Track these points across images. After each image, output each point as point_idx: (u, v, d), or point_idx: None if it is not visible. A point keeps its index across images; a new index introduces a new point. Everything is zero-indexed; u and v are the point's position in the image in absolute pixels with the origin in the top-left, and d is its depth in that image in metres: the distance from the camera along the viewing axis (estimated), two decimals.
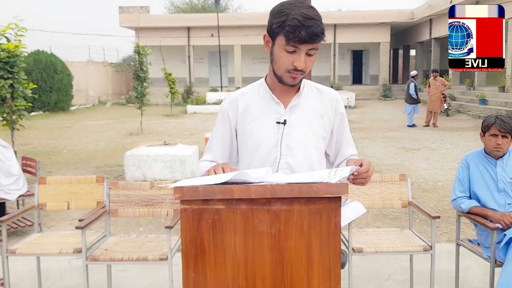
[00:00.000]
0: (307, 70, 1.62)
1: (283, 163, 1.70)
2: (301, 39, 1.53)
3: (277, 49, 1.61)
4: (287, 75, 1.63)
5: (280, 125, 1.70)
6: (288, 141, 1.70)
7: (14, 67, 6.47)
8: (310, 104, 1.75)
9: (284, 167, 1.70)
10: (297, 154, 1.70)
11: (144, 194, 3.34)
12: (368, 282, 3.48)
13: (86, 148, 10.69)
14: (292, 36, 1.54)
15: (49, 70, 20.22)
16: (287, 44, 1.57)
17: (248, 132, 1.72)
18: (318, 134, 1.73)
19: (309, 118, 1.73)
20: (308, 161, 1.72)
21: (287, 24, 1.54)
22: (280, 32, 1.57)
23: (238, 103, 1.76)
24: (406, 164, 8.23)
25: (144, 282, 3.54)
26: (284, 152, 1.70)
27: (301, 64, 1.58)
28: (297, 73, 1.61)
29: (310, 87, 1.78)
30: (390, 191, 3.39)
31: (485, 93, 17.22)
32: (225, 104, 1.81)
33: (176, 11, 40.30)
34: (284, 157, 1.70)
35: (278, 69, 1.64)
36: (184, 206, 1.34)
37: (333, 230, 1.37)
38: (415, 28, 27.63)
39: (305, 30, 1.52)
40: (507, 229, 2.81)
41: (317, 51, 1.62)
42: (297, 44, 1.55)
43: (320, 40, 1.57)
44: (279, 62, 1.62)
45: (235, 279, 1.37)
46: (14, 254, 3.09)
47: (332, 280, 1.38)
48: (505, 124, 2.94)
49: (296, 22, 1.52)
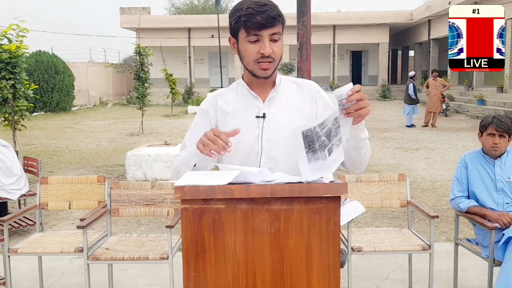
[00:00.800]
0: (276, 57, 1.63)
1: (265, 156, 1.70)
2: (259, 24, 1.56)
3: (242, 44, 1.64)
4: (256, 67, 1.64)
5: (260, 119, 1.70)
6: (269, 134, 1.70)
7: (16, 68, 6.49)
8: (288, 96, 1.75)
9: (266, 161, 1.69)
10: (279, 147, 1.70)
11: (145, 193, 3.36)
12: (367, 281, 3.50)
13: (87, 148, 10.70)
14: (249, 24, 1.57)
15: (50, 71, 20.22)
16: (248, 34, 1.60)
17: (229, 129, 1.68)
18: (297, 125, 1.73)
19: (288, 110, 1.73)
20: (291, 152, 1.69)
21: (243, 15, 1.58)
22: (239, 27, 1.61)
23: (218, 102, 1.77)
24: (405, 164, 8.24)
25: (145, 281, 3.56)
26: (266, 145, 1.70)
27: (266, 50, 1.59)
28: (266, 61, 1.62)
29: (287, 80, 1.79)
30: (389, 190, 3.41)
31: (483, 93, 17.22)
32: (204, 104, 1.82)
33: (177, 12, 40.30)
34: (266, 150, 1.70)
35: (248, 63, 1.65)
36: (184, 205, 1.36)
37: (333, 229, 1.38)
38: (414, 29, 27.62)
39: (260, 15, 1.56)
40: (505, 228, 2.83)
41: (281, 36, 1.64)
42: (256, 31, 1.58)
43: (279, 23, 1.59)
44: (246, 55, 1.64)
45: (235, 278, 1.38)
46: (16, 254, 3.11)
47: (331, 279, 1.40)
48: (502, 123, 2.96)
49: (250, 10, 1.57)
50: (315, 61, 23.88)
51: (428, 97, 13.74)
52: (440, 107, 13.90)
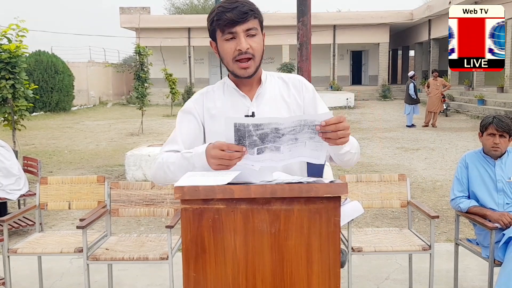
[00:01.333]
0: (255, 53, 1.61)
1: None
2: (230, 21, 1.56)
3: (220, 45, 1.64)
4: (236, 66, 1.62)
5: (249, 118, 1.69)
6: None
7: (16, 68, 6.49)
8: (276, 92, 1.73)
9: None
10: None
11: (144, 193, 3.36)
12: (368, 281, 3.49)
13: (87, 148, 10.70)
14: (222, 22, 1.58)
15: (50, 71, 20.22)
16: (223, 33, 1.60)
17: (216, 128, 1.68)
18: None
19: (277, 106, 1.71)
20: None
21: (215, 14, 1.59)
22: (215, 28, 1.62)
23: (204, 101, 1.74)
24: (405, 164, 8.24)
25: (144, 282, 3.55)
26: None
27: (243, 45, 1.58)
28: (244, 58, 1.60)
29: (272, 77, 1.77)
30: (389, 190, 3.40)
31: (483, 93, 17.23)
32: (190, 103, 1.76)
33: (177, 12, 40.31)
34: None
35: (228, 63, 1.64)
36: (184, 205, 1.36)
37: (333, 229, 1.38)
38: (414, 29, 27.63)
39: (230, 12, 1.56)
40: (505, 228, 2.83)
41: (259, 32, 1.62)
42: (230, 28, 1.58)
43: (251, 17, 1.58)
44: (224, 54, 1.63)
45: (235, 278, 1.38)
46: (16, 254, 3.11)
47: (331, 279, 1.39)
48: (503, 123, 2.96)
49: (221, 9, 1.58)
50: (315, 61, 23.88)
51: (429, 97, 13.74)
52: (441, 107, 13.90)
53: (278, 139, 1.42)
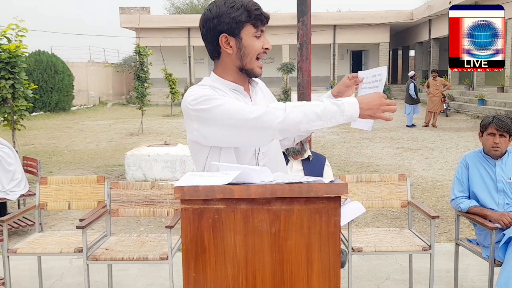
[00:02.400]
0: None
1: (261, 154, 1.71)
2: (267, 19, 1.64)
3: (247, 40, 1.63)
4: (256, 64, 1.66)
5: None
6: None
7: (15, 68, 6.48)
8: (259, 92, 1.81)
9: (262, 158, 1.71)
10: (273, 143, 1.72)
11: (144, 194, 3.36)
12: (368, 282, 3.49)
13: (87, 148, 10.70)
14: (261, 18, 1.62)
15: (50, 71, 20.22)
16: (257, 30, 1.63)
17: None
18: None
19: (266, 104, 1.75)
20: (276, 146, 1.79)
21: (253, 10, 1.60)
22: (245, 22, 1.61)
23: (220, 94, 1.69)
24: (405, 164, 8.24)
25: (144, 282, 3.55)
26: None
27: (269, 44, 1.66)
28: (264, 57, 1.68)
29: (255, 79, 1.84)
30: (390, 191, 3.40)
31: (484, 93, 17.22)
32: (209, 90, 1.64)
33: (177, 11, 40.32)
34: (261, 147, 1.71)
35: (251, 60, 1.65)
36: (184, 205, 1.35)
37: (333, 229, 1.38)
38: (414, 29, 27.63)
39: (263, 11, 1.63)
40: (506, 228, 2.83)
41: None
42: (262, 26, 1.64)
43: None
44: (252, 51, 1.63)
45: (235, 278, 1.38)
46: (15, 254, 3.11)
47: (331, 279, 1.39)
48: (503, 123, 2.96)
49: (257, 6, 1.62)
50: (315, 61, 23.89)
51: (429, 97, 13.74)
52: (441, 107, 13.90)
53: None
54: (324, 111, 1.51)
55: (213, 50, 1.70)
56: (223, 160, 1.67)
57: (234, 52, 1.65)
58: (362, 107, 1.55)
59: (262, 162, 1.71)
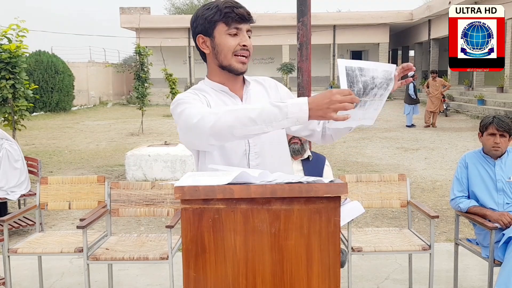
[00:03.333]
0: (251, 52, 1.69)
1: (253, 154, 1.70)
2: (241, 17, 1.63)
3: (219, 38, 1.65)
4: (234, 60, 1.66)
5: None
6: None
7: (16, 68, 6.49)
8: (258, 93, 1.78)
9: (254, 158, 1.70)
10: (264, 142, 1.70)
11: (145, 193, 3.36)
12: (367, 281, 3.49)
13: (87, 148, 10.70)
14: (232, 16, 1.62)
15: (50, 71, 20.21)
16: (229, 27, 1.64)
17: None
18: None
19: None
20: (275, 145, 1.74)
21: (223, 9, 1.62)
22: (217, 21, 1.64)
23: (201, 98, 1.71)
24: (405, 164, 8.24)
25: (145, 281, 3.55)
26: (252, 143, 1.70)
27: (248, 42, 1.65)
28: (244, 54, 1.66)
29: (249, 79, 1.81)
30: (389, 190, 3.41)
31: (483, 93, 17.22)
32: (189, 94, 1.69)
33: (177, 12, 40.30)
34: (253, 147, 1.70)
35: (225, 57, 1.66)
36: (184, 205, 1.36)
37: (333, 229, 1.38)
38: (414, 29, 27.62)
39: (241, 9, 1.63)
40: (505, 228, 2.83)
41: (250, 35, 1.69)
42: (237, 24, 1.63)
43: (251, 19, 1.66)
44: (225, 48, 1.65)
45: (235, 278, 1.38)
46: (16, 254, 3.11)
47: (331, 279, 1.40)
48: (503, 123, 2.96)
49: (230, 4, 1.63)
50: (315, 61, 23.88)
51: (428, 97, 13.72)
52: (441, 107, 13.88)
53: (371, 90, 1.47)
54: (260, 115, 1.40)
55: (200, 53, 1.76)
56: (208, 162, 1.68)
57: (211, 51, 1.69)
58: (312, 107, 1.38)
59: (254, 163, 1.70)
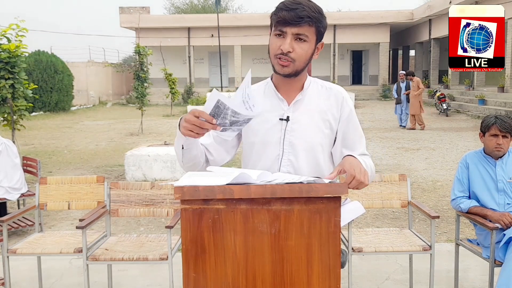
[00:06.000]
0: (297, 58, 1.61)
1: (286, 160, 1.69)
2: (283, 20, 1.58)
3: (270, 38, 1.66)
4: (276, 62, 1.64)
5: (283, 122, 1.69)
6: (291, 138, 1.68)
7: (15, 68, 6.47)
8: (315, 100, 1.72)
9: (287, 164, 1.68)
10: (300, 152, 1.68)
11: (144, 194, 3.35)
12: (368, 282, 3.49)
13: (86, 148, 10.69)
14: (275, 17, 1.61)
15: (49, 71, 20.22)
16: (275, 28, 1.62)
17: (251, 128, 1.70)
18: (322, 132, 1.70)
19: (313, 115, 1.70)
20: (312, 159, 1.69)
21: (275, 9, 1.62)
22: (272, 21, 1.64)
23: None
24: (406, 164, 8.24)
25: (144, 282, 3.55)
26: (287, 149, 1.68)
27: (285, 47, 1.59)
28: (284, 58, 1.61)
29: (316, 84, 1.77)
30: (390, 191, 3.40)
31: (484, 93, 17.23)
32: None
33: (176, 11, 40.31)
34: (287, 154, 1.68)
35: (271, 56, 1.66)
36: (184, 206, 1.35)
37: (333, 229, 1.38)
38: (414, 29, 27.63)
39: (287, 12, 1.58)
40: (506, 229, 2.82)
41: (309, 39, 1.62)
42: (281, 26, 1.60)
43: (306, 24, 1.58)
44: (270, 48, 1.66)
45: (235, 278, 1.38)
46: (15, 254, 3.10)
47: (331, 279, 1.39)
48: (506, 123, 2.95)
49: (281, 5, 1.60)
50: (315, 60, 23.76)
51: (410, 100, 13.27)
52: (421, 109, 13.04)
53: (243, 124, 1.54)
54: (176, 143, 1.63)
55: None
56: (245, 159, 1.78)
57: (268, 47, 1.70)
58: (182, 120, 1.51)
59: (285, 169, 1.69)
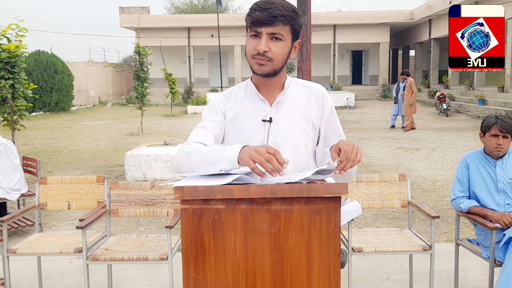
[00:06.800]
0: (274, 57, 1.61)
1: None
2: (257, 21, 1.57)
3: (246, 39, 1.66)
4: (253, 62, 1.63)
5: (266, 123, 1.69)
6: (275, 139, 1.68)
7: (15, 68, 6.47)
8: (296, 100, 1.73)
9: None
10: (284, 152, 1.64)
11: (144, 194, 3.35)
12: (368, 282, 3.49)
13: (86, 148, 10.69)
14: (249, 18, 1.60)
15: (49, 71, 20.22)
16: (250, 30, 1.62)
17: (234, 130, 1.71)
18: (305, 131, 1.71)
19: (295, 114, 1.71)
20: (296, 158, 1.68)
21: (249, 10, 1.62)
22: (247, 22, 1.63)
23: (227, 102, 1.75)
24: (406, 164, 8.23)
25: (144, 282, 3.55)
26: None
27: (261, 47, 1.58)
28: (261, 58, 1.60)
29: (296, 83, 1.77)
30: (390, 191, 3.40)
31: (484, 93, 17.22)
32: (215, 102, 1.78)
33: (176, 11, 40.32)
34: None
35: (248, 57, 1.66)
36: (184, 206, 1.35)
37: (333, 229, 1.38)
38: (414, 29, 27.63)
39: (261, 12, 1.57)
40: (506, 229, 2.82)
41: (285, 38, 1.61)
42: (255, 27, 1.59)
43: (280, 23, 1.57)
44: (247, 49, 1.65)
45: (235, 278, 1.38)
46: (15, 254, 3.10)
47: (332, 279, 1.39)
48: (506, 124, 2.95)
49: (255, 6, 1.60)
50: (315, 60, 23.87)
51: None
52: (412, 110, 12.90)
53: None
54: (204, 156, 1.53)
55: None
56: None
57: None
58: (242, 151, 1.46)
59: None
